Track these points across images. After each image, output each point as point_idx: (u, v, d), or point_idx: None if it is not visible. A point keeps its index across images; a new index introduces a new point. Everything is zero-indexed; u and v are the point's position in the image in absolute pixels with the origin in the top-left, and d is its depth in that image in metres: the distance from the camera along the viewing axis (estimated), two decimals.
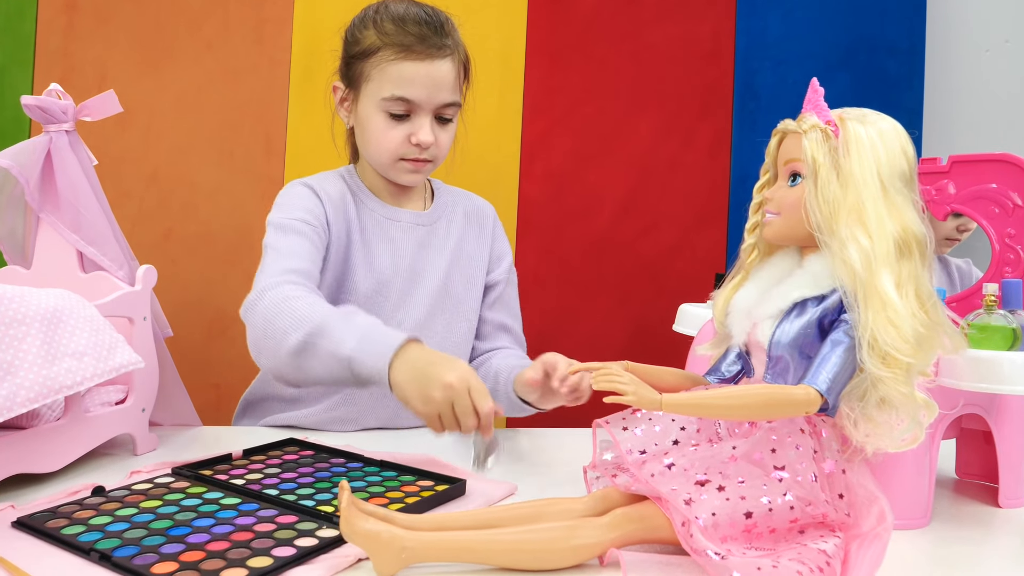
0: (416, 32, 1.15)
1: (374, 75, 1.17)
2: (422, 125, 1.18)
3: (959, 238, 1.72)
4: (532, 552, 0.69)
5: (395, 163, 1.20)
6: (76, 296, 0.91)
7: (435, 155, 1.21)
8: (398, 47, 1.15)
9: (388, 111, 1.17)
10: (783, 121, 0.81)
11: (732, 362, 0.85)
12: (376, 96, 1.17)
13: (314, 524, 0.76)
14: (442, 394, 0.87)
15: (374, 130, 1.19)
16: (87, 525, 0.74)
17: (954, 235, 1.72)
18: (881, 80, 2.09)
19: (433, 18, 1.18)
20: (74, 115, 1.04)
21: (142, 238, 1.76)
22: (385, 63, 1.16)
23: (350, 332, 0.95)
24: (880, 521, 0.70)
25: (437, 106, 1.18)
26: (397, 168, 1.21)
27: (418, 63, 1.15)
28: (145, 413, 1.03)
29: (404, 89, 1.15)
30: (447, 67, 1.18)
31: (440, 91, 1.17)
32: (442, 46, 1.17)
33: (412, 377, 0.90)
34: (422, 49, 1.15)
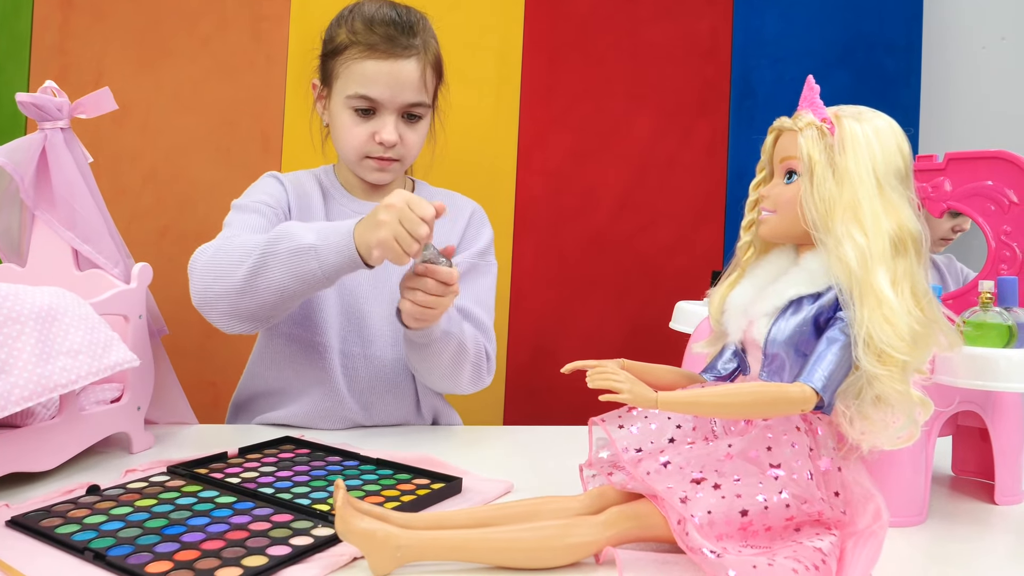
0: (382, 32, 1.18)
1: (342, 72, 1.21)
2: (385, 124, 1.20)
3: (952, 238, 1.73)
4: (528, 551, 0.69)
5: (361, 160, 1.24)
6: (71, 294, 0.91)
7: (401, 154, 1.24)
8: (364, 46, 1.18)
9: (353, 108, 1.20)
10: (779, 119, 0.81)
11: (728, 360, 0.85)
12: (343, 93, 1.20)
13: (309, 523, 0.76)
14: (387, 214, 0.96)
15: (341, 127, 1.22)
16: (82, 524, 0.74)
17: (949, 235, 1.73)
18: (878, 77, 2.08)
19: (403, 18, 1.21)
20: (69, 112, 1.03)
21: (139, 236, 1.76)
22: (351, 61, 1.19)
23: (306, 230, 1.02)
24: (876, 519, 0.70)
25: (401, 105, 1.21)
26: (364, 166, 1.24)
27: (381, 62, 1.18)
28: (140, 411, 1.02)
29: (367, 87, 1.18)
30: (411, 67, 1.20)
31: (403, 90, 1.20)
32: (408, 46, 1.19)
33: (364, 226, 0.99)
34: (386, 48, 1.18)
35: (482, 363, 1.24)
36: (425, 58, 1.22)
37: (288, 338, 1.24)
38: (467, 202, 1.39)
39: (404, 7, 1.24)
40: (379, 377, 1.24)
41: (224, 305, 1.06)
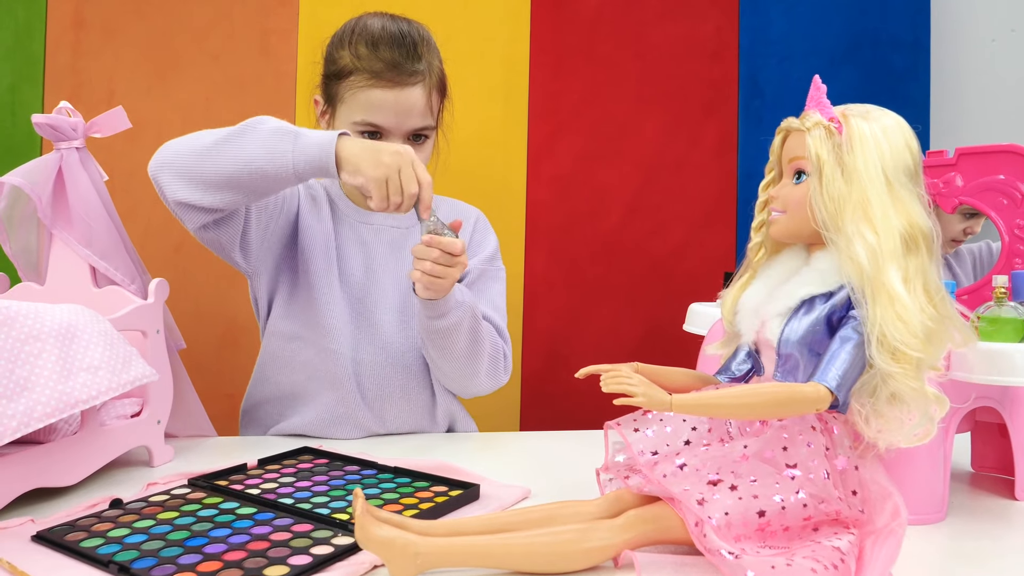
0: (387, 58, 1.18)
1: (347, 98, 1.21)
2: None
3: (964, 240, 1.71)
4: (546, 555, 0.70)
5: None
6: (90, 311, 0.92)
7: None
8: (368, 73, 1.18)
9: (359, 132, 1.21)
10: (786, 119, 0.81)
11: (742, 361, 0.85)
12: (348, 119, 1.21)
13: (329, 532, 0.77)
14: (391, 158, 1.00)
15: None
16: (105, 538, 0.75)
17: (960, 237, 1.71)
18: (887, 74, 2.08)
19: (407, 39, 1.21)
20: (84, 132, 1.05)
21: (154, 251, 1.77)
22: (356, 88, 1.20)
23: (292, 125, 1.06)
24: (894, 517, 0.70)
25: (407, 131, 1.22)
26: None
27: (387, 91, 1.19)
28: (160, 425, 1.03)
29: (373, 115, 1.20)
30: (417, 94, 1.21)
31: (409, 118, 1.21)
32: (413, 72, 1.20)
33: (362, 148, 1.03)
34: (392, 76, 1.18)
35: (499, 357, 1.26)
36: (430, 81, 1.23)
37: (298, 342, 1.24)
38: (470, 209, 1.40)
39: (406, 23, 1.24)
40: (392, 382, 1.25)
41: (181, 163, 1.08)
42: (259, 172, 1.04)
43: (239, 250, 1.20)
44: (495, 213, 1.42)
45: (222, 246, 1.18)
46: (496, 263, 1.37)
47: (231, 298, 1.82)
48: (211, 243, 1.17)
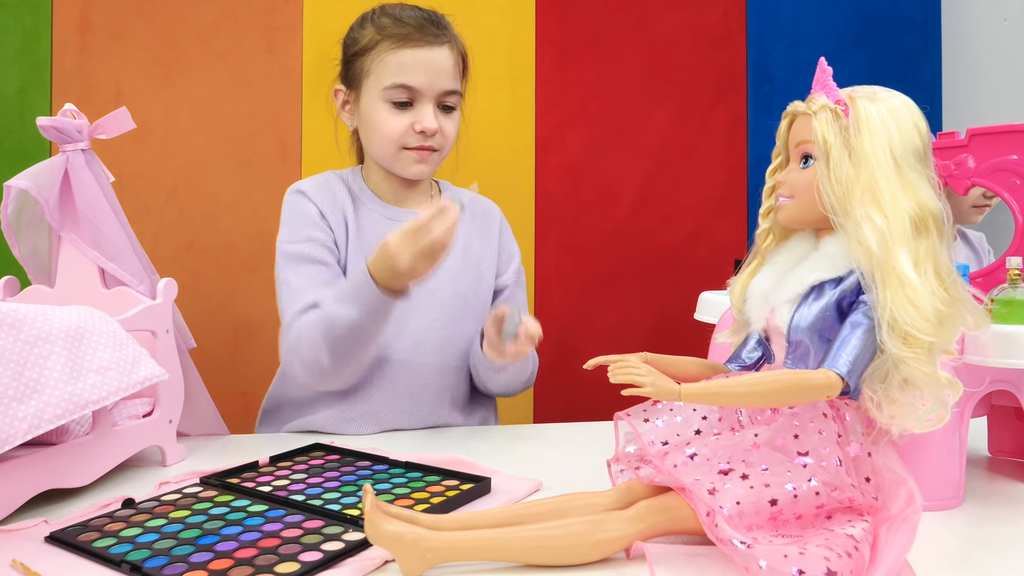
0: (413, 23, 1.19)
1: (374, 68, 1.19)
2: (425, 112, 1.19)
3: (988, 204, 1.66)
4: (557, 548, 0.69)
5: (399, 153, 1.22)
6: (98, 312, 0.92)
7: (440, 144, 1.23)
8: (396, 37, 1.18)
9: (391, 100, 1.19)
10: (792, 103, 0.80)
11: (752, 349, 0.84)
12: (377, 87, 1.19)
13: (340, 528, 0.77)
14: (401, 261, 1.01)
15: (378, 122, 1.20)
16: (118, 537, 0.75)
17: (981, 202, 1.66)
18: (897, 55, 2.06)
19: (429, 13, 1.22)
20: (89, 134, 1.05)
21: (164, 251, 1.78)
22: (385, 53, 1.18)
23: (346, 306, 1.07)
24: (909, 503, 0.69)
25: (439, 93, 1.20)
26: (402, 159, 1.22)
27: (417, 50, 1.18)
28: (172, 424, 1.04)
29: (404, 76, 1.18)
30: (445, 54, 1.20)
31: (440, 77, 1.20)
32: (439, 34, 1.20)
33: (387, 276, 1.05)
34: (420, 37, 1.18)
35: (534, 366, 1.32)
36: (456, 48, 1.23)
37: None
38: (491, 205, 1.39)
39: (425, 8, 1.25)
40: (424, 381, 1.24)
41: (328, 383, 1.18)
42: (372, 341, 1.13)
43: None
44: (504, 205, 1.41)
45: None
46: (521, 270, 1.39)
47: (243, 297, 1.83)
48: None
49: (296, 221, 1.23)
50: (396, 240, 1.01)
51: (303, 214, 1.23)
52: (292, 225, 1.23)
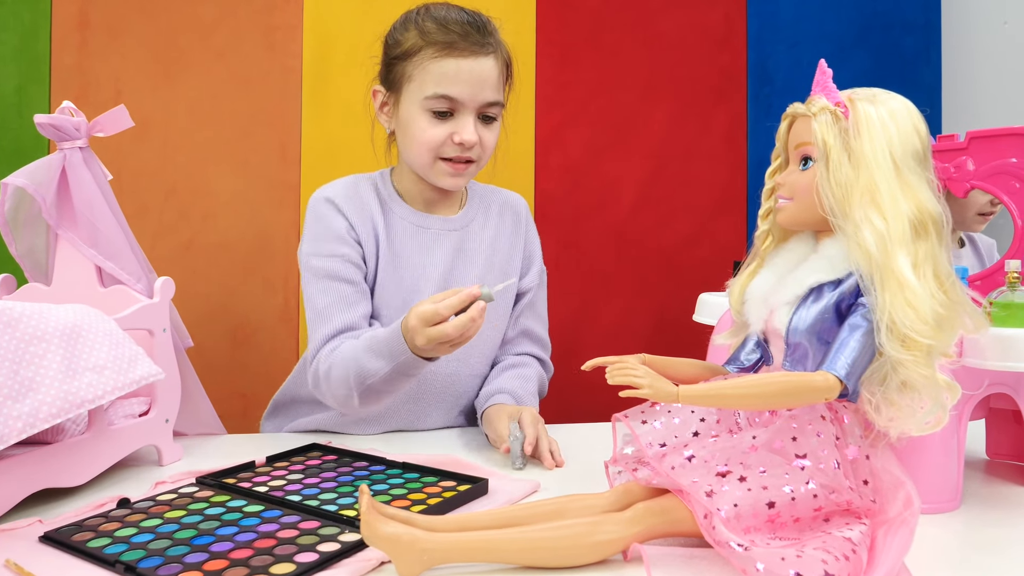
0: (459, 30, 1.14)
1: (416, 74, 1.15)
2: (465, 124, 1.15)
3: (993, 211, 1.65)
4: (554, 549, 0.69)
5: (435, 163, 1.18)
6: (95, 311, 0.92)
7: (479, 155, 1.19)
8: (440, 44, 1.13)
9: (431, 109, 1.15)
10: (792, 104, 0.80)
11: (751, 351, 0.84)
12: (418, 95, 1.15)
13: (337, 529, 0.77)
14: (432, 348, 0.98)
15: (416, 130, 1.16)
16: (112, 537, 0.75)
17: (987, 209, 1.65)
18: (898, 57, 2.05)
19: (475, 18, 1.17)
20: (87, 131, 1.04)
21: (163, 250, 1.78)
22: (427, 61, 1.14)
23: (378, 361, 1.04)
24: (907, 506, 0.69)
25: (480, 104, 1.16)
26: (438, 169, 1.18)
27: (461, 60, 1.13)
28: (169, 424, 1.03)
29: (447, 86, 1.14)
30: (490, 64, 1.16)
31: (483, 89, 1.16)
32: (485, 44, 1.15)
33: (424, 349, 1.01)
34: (465, 46, 1.14)
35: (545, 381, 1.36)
36: (500, 56, 1.19)
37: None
38: (517, 200, 1.37)
39: (470, 10, 1.20)
40: (436, 390, 1.23)
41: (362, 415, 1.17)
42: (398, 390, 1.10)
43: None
44: None
45: None
46: (543, 271, 1.36)
47: (242, 296, 1.82)
48: None
49: (322, 234, 1.19)
50: (414, 320, 0.98)
51: (330, 227, 1.19)
52: (318, 238, 1.19)
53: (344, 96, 1.84)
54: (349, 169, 1.82)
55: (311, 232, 1.20)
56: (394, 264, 1.21)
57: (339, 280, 1.16)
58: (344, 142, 1.83)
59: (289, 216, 1.84)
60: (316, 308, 1.15)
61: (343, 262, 1.17)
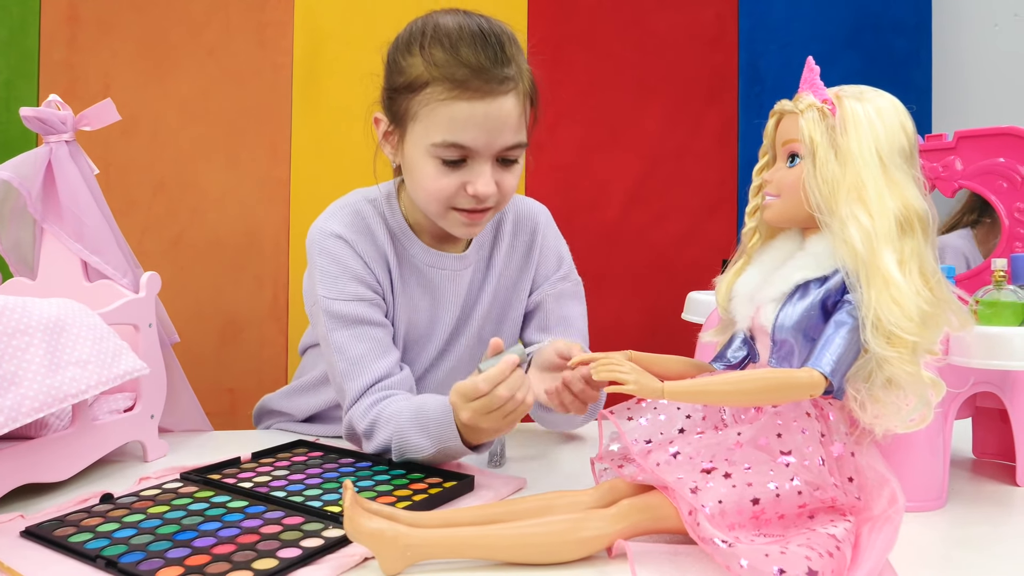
0: (472, 61, 0.95)
1: (422, 115, 0.97)
2: (480, 173, 0.98)
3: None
4: (539, 546, 0.69)
5: (448, 213, 1.02)
6: (79, 305, 0.91)
7: (497, 202, 1.02)
8: (450, 84, 0.95)
9: (440, 157, 0.98)
10: (779, 102, 0.80)
11: (738, 348, 0.84)
12: (425, 140, 0.98)
13: (320, 524, 0.76)
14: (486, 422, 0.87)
15: (423, 177, 1.00)
16: (94, 532, 0.74)
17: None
18: (888, 58, 2.06)
19: (492, 46, 0.97)
20: (73, 125, 1.04)
21: (151, 246, 1.77)
22: (435, 102, 0.96)
23: (422, 443, 0.94)
24: (892, 504, 0.69)
25: (498, 151, 0.99)
26: (450, 219, 1.03)
27: (474, 103, 0.95)
28: (154, 420, 1.03)
29: (458, 134, 0.96)
30: (510, 104, 0.97)
31: (501, 133, 0.98)
32: (503, 78, 0.96)
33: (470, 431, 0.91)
34: (479, 85, 0.95)
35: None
36: (522, 88, 1.00)
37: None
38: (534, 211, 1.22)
39: (485, 20, 1.00)
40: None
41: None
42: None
43: None
44: None
45: None
46: (570, 278, 1.22)
47: (231, 293, 1.82)
48: None
49: (338, 274, 1.05)
50: (455, 397, 0.89)
51: (345, 267, 1.05)
52: (334, 279, 1.05)
53: (335, 93, 1.83)
54: (338, 166, 1.83)
55: (324, 272, 1.05)
56: (406, 307, 1.11)
57: (370, 325, 1.04)
58: (334, 139, 1.83)
59: (279, 212, 1.83)
60: (350, 358, 1.02)
61: (369, 306, 1.05)
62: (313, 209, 1.80)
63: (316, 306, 1.06)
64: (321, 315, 1.05)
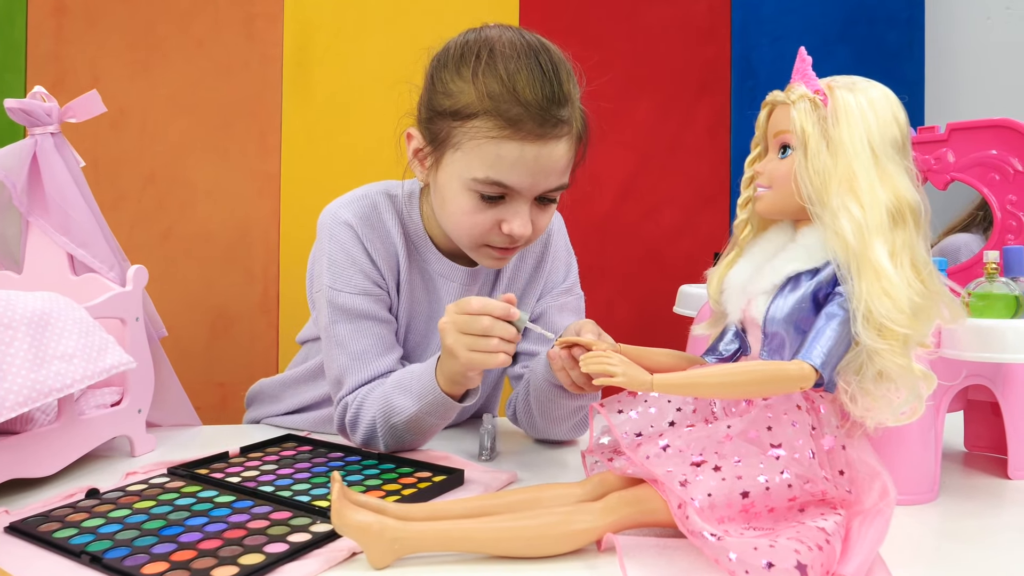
0: (528, 99, 0.89)
1: (466, 146, 0.92)
2: (518, 212, 0.94)
3: None
4: (528, 539, 0.68)
5: (478, 248, 0.99)
6: (64, 298, 0.90)
7: (529, 240, 0.99)
8: (503, 120, 0.89)
9: (479, 191, 0.93)
10: (771, 92, 0.79)
11: (730, 340, 0.83)
12: (465, 172, 0.92)
13: (308, 519, 0.76)
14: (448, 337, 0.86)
15: (457, 210, 0.96)
16: (79, 528, 0.74)
17: None
18: (881, 51, 2.05)
19: (554, 86, 0.91)
20: (59, 117, 1.03)
21: (141, 239, 1.76)
22: (483, 138, 0.90)
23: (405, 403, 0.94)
24: (883, 497, 0.69)
25: (540, 192, 0.95)
26: (480, 253, 1.00)
27: (525, 145, 0.90)
28: (141, 414, 1.02)
29: (503, 174, 0.91)
30: (561, 149, 0.93)
31: (548, 177, 0.93)
32: (558, 121, 0.91)
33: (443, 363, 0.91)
34: (533, 128, 0.89)
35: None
36: (575, 129, 0.96)
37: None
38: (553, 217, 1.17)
39: (540, 43, 0.94)
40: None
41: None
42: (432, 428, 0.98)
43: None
44: None
45: None
46: (573, 292, 1.19)
47: (220, 287, 1.80)
48: None
49: (345, 265, 1.02)
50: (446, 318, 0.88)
51: (352, 258, 1.02)
52: (341, 268, 1.02)
53: (325, 85, 1.82)
54: (329, 159, 1.82)
55: (331, 260, 1.03)
56: (410, 313, 1.09)
57: (374, 320, 1.03)
58: (324, 132, 1.82)
59: (269, 206, 1.82)
60: (352, 352, 1.01)
61: (374, 301, 1.03)
62: (303, 202, 1.81)
63: (320, 293, 1.04)
64: (324, 304, 1.03)
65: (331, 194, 1.11)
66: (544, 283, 1.16)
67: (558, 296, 1.16)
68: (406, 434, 0.97)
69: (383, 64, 1.80)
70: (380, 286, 1.04)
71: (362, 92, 1.81)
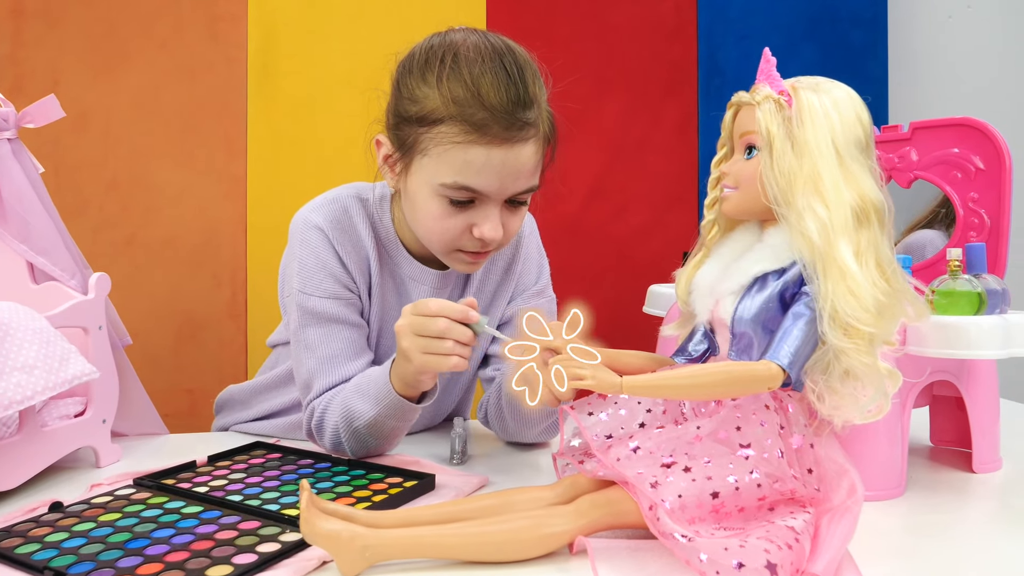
0: (493, 103, 0.89)
1: (433, 152, 0.91)
2: (488, 216, 0.94)
3: None
4: (500, 544, 0.68)
5: (451, 253, 0.99)
6: (24, 308, 0.89)
7: (501, 243, 0.99)
8: (468, 125, 0.89)
9: (448, 197, 0.93)
10: (736, 93, 0.80)
11: (699, 341, 0.83)
12: (434, 179, 0.92)
13: (278, 528, 0.75)
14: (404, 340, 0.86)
15: (427, 216, 0.95)
16: (42, 543, 0.72)
17: None
18: (845, 50, 2.08)
19: (514, 74, 0.91)
20: (16, 122, 1.00)
21: (105, 246, 1.73)
22: (449, 143, 0.90)
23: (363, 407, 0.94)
24: (851, 494, 0.70)
25: (508, 196, 0.95)
26: (452, 258, 1.00)
27: (492, 149, 0.90)
28: (106, 424, 1.00)
29: (471, 178, 0.91)
30: (528, 151, 0.93)
31: (516, 180, 0.93)
32: (524, 124, 0.91)
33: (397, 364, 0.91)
34: (499, 132, 0.89)
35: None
36: (542, 131, 0.96)
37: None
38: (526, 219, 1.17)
39: (504, 44, 0.94)
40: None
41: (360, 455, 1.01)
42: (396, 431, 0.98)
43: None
44: None
45: None
46: (545, 295, 1.20)
47: (187, 292, 1.78)
48: None
49: (315, 269, 1.02)
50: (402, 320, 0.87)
51: (322, 262, 1.02)
52: (311, 273, 1.02)
53: (290, 87, 1.80)
54: (296, 160, 1.80)
55: (301, 264, 1.02)
56: (382, 317, 1.08)
57: (344, 324, 1.02)
58: (290, 134, 1.80)
59: (236, 209, 1.80)
60: (321, 356, 1.00)
61: (345, 305, 1.02)
62: (271, 205, 1.79)
63: (290, 298, 1.04)
64: (295, 308, 1.02)
65: (298, 195, 1.10)
66: (515, 286, 1.16)
67: (529, 299, 1.16)
68: (369, 439, 0.97)
69: (348, 65, 1.79)
70: (351, 290, 1.04)
71: (328, 93, 1.80)
